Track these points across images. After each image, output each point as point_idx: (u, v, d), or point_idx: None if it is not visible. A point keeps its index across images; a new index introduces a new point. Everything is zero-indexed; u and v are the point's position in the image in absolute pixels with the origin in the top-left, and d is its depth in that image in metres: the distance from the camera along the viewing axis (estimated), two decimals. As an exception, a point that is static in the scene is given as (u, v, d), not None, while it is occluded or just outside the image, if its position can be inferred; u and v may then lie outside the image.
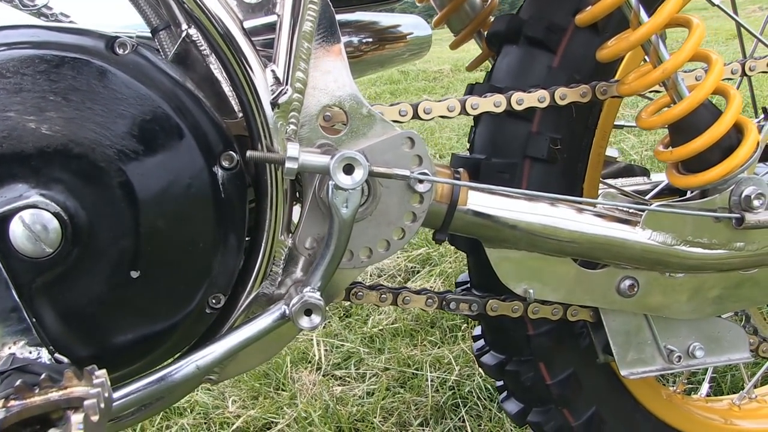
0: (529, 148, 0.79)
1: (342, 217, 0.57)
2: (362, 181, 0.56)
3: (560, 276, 0.74)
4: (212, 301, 0.60)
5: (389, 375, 1.43)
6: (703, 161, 0.72)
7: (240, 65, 0.59)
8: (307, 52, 0.60)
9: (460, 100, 0.72)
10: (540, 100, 0.74)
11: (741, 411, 1.05)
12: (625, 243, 0.71)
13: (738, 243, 0.75)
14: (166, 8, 0.65)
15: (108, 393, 0.42)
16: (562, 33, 0.78)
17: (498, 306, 0.76)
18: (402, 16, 1.08)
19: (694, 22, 0.68)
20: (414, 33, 1.08)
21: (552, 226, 0.69)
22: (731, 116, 0.69)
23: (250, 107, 0.60)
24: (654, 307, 0.79)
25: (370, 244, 0.63)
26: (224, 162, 0.59)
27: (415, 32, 1.08)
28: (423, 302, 0.74)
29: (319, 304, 0.59)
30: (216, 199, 0.57)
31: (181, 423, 1.29)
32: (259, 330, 0.59)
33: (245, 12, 0.61)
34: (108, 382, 0.43)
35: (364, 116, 0.62)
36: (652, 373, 0.82)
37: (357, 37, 1.02)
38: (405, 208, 0.63)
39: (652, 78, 0.68)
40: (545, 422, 0.91)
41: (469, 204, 0.67)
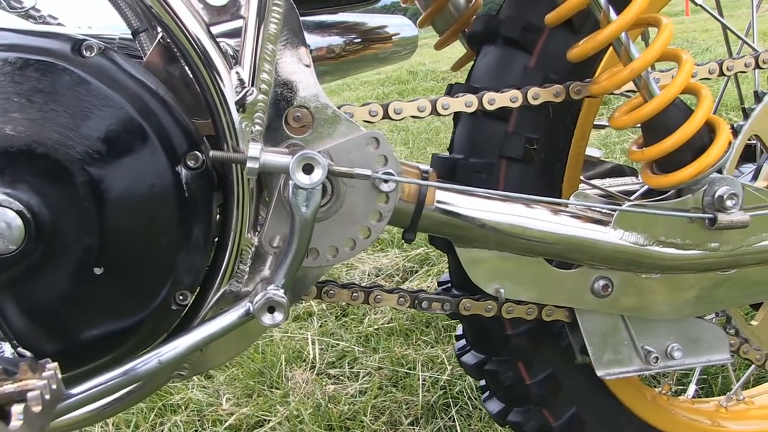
0: (505, 148, 0.79)
1: (302, 216, 0.58)
2: (321, 181, 0.56)
3: (532, 276, 0.74)
4: (179, 298, 0.61)
5: (382, 374, 1.43)
6: (675, 161, 0.72)
7: (205, 67, 0.60)
8: (271, 54, 0.61)
9: (431, 101, 0.72)
10: (512, 100, 0.74)
11: (728, 413, 1.04)
12: (596, 243, 0.71)
13: (712, 243, 0.74)
14: (142, 11, 0.66)
15: (57, 385, 0.44)
16: (538, 33, 0.79)
17: (471, 305, 0.77)
18: (389, 16, 1.09)
19: (663, 21, 0.67)
20: (401, 33, 1.09)
21: (521, 225, 0.69)
22: (702, 115, 0.68)
23: (216, 108, 0.61)
24: (629, 307, 0.78)
25: (336, 243, 0.64)
26: (189, 162, 0.60)
27: (401, 33, 1.09)
28: (395, 301, 0.75)
29: (281, 302, 0.60)
30: (179, 198, 0.58)
31: (174, 420, 1.31)
32: (223, 326, 0.60)
33: (211, 15, 0.62)
34: (58, 375, 0.44)
35: (329, 117, 0.63)
36: (629, 373, 0.82)
37: (344, 38, 1.03)
38: (370, 208, 0.64)
39: (621, 77, 0.68)
40: (525, 422, 0.91)
41: (436, 203, 0.68)
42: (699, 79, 0.79)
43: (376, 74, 5.80)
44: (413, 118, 0.72)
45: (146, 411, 1.34)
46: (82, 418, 0.63)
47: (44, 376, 0.43)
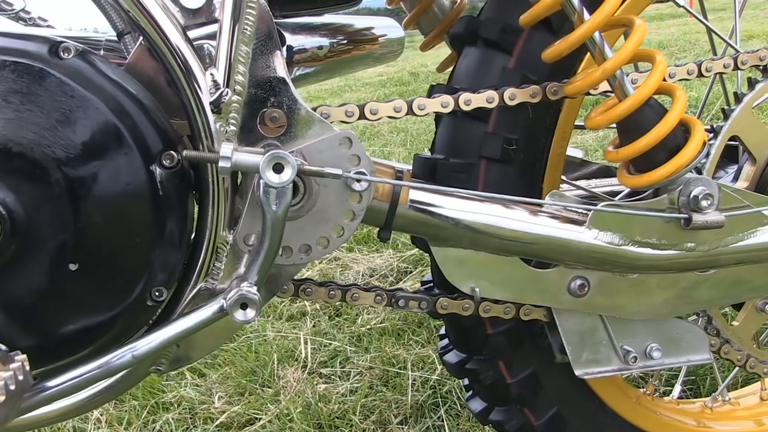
0: (484, 149, 0.80)
1: (273, 215, 0.59)
2: (290, 180, 0.57)
3: (508, 275, 0.74)
4: (155, 294, 0.63)
5: (373, 373, 1.44)
6: (650, 161, 0.72)
7: (181, 68, 0.61)
8: (246, 56, 0.62)
9: (407, 101, 0.73)
10: (489, 100, 0.75)
11: (713, 413, 1.04)
12: (570, 243, 0.72)
13: (689, 244, 0.75)
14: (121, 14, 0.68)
15: (24, 377, 0.45)
16: (517, 35, 0.79)
17: (448, 304, 0.77)
18: (376, 18, 1.10)
19: (636, 22, 0.68)
20: (387, 35, 1.10)
21: (494, 225, 0.70)
22: (675, 115, 0.69)
23: (191, 109, 0.62)
24: (607, 307, 0.79)
25: (309, 242, 0.65)
26: (165, 161, 0.61)
27: (388, 34, 1.10)
28: (372, 299, 0.76)
29: (253, 298, 0.61)
30: (153, 197, 0.59)
31: (166, 417, 1.32)
32: (197, 322, 0.61)
33: (186, 17, 0.63)
34: (26, 367, 0.45)
35: (302, 117, 0.64)
36: (607, 373, 0.82)
37: (331, 39, 1.04)
38: (343, 207, 0.65)
39: (594, 78, 0.68)
40: (506, 421, 0.92)
41: (410, 203, 0.68)
42: (678, 80, 0.80)
43: (378, 75, 5.82)
44: (390, 118, 0.73)
45: (139, 408, 1.35)
46: (62, 411, 0.65)
47: (10, 367, 0.45)
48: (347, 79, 5.86)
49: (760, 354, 0.91)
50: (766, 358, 0.91)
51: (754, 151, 0.85)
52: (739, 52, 0.82)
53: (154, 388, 1.42)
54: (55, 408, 0.64)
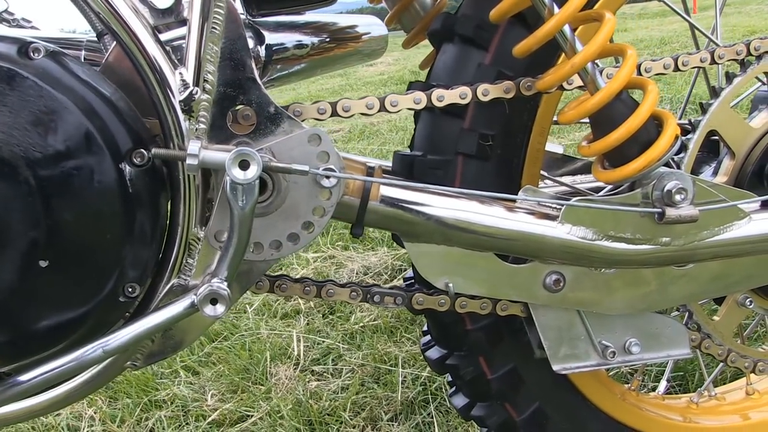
0: (460, 145, 0.80)
1: (240, 211, 0.59)
2: (256, 177, 0.58)
3: (482, 270, 0.75)
4: (128, 290, 0.63)
5: (365, 371, 1.45)
6: (623, 156, 0.72)
7: (150, 68, 0.62)
8: (215, 55, 0.62)
9: (380, 98, 0.73)
10: (461, 96, 0.75)
11: (699, 408, 1.04)
12: (542, 238, 0.72)
13: (664, 238, 0.75)
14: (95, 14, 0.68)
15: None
16: (493, 31, 0.79)
17: (424, 300, 0.78)
18: (359, 16, 1.10)
19: (606, 16, 0.68)
20: (371, 33, 1.10)
21: (465, 220, 0.70)
22: (647, 109, 0.69)
23: (161, 108, 0.63)
24: (583, 302, 0.79)
25: (279, 238, 0.66)
26: (136, 159, 0.62)
27: (371, 32, 1.10)
28: (347, 295, 0.76)
29: (223, 294, 0.61)
30: (123, 194, 0.60)
31: (158, 415, 1.33)
32: (167, 318, 0.62)
33: (156, 17, 0.64)
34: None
35: (271, 114, 0.65)
36: (586, 368, 0.82)
37: (316, 37, 1.05)
38: (313, 203, 0.65)
39: (563, 72, 0.68)
40: (488, 416, 0.92)
41: (381, 199, 0.69)
42: (654, 75, 0.80)
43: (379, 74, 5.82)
44: (362, 115, 0.74)
45: (132, 406, 1.37)
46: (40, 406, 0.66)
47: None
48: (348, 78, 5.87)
49: (742, 348, 0.91)
50: (748, 353, 0.91)
51: (733, 146, 0.84)
52: (717, 47, 0.82)
53: (147, 386, 1.43)
54: (31, 404, 0.64)
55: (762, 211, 0.79)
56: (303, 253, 2.02)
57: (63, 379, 0.59)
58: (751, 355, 0.91)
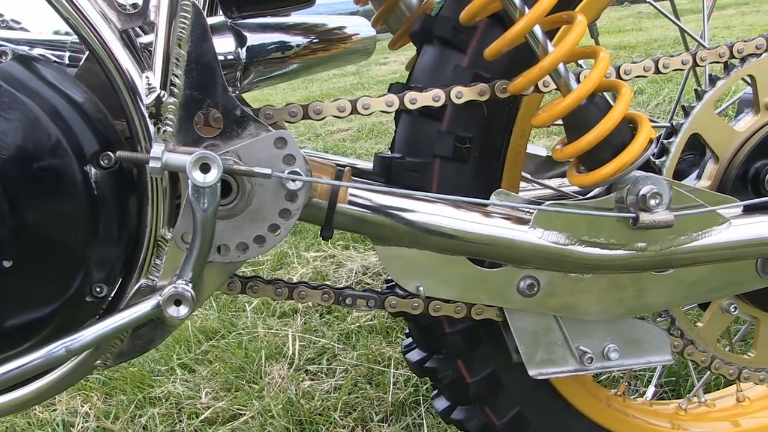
0: (437, 147, 0.80)
1: (202, 214, 0.60)
2: (216, 180, 0.58)
3: (453, 274, 0.74)
4: (95, 290, 0.64)
5: (358, 371, 1.45)
6: (596, 159, 0.71)
7: (118, 71, 0.63)
8: (181, 58, 0.63)
9: (352, 101, 0.74)
10: (435, 99, 0.75)
11: (687, 415, 1.02)
12: (512, 242, 0.71)
13: (639, 243, 0.74)
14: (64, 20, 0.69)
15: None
16: (471, 33, 0.79)
17: (397, 302, 0.78)
18: (347, 17, 1.10)
19: (577, 18, 0.67)
20: (359, 34, 1.10)
21: (433, 224, 0.70)
22: (619, 111, 0.68)
23: (129, 111, 0.64)
24: (558, 307, 0.78)
25: (245, 240, 0.66)
26: (103, 161, 0.63)
27: (360, 33, 1.10)
28: (319, 297, 0.76)
29: (186, 295, 0.62)
30: (88, 196, 0.61)
31: (151, 412, 1.35)
32: (132, 318, 0.63)
33: (123, 20, 0.64)
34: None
35: (237, 117, 0.65)
36: (563, 374, 0.82)
37: (304, 39, 1.05)
38: (279, 206, 0.65)
39: (533, 75, 0.68)
40: (468, 420, 0.92)
41: (348, 201, 0.69)
42: (634, 77, 0.79)
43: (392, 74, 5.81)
44: (335, 117, 0.74)
45: (126, 403, 1.39)
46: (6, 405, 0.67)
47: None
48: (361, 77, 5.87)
49: (726, 355, 0.89)
50: (733, 360, 0.89)
51: (716, 149, 0.83)
52: (697, 49, 0.80)
53: (143, 383, 1.45)
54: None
55: (744, 217, 0.78)
56: (304, 252, 2.03)
57: (28, 377, 0.60)
58: (736, 362, 0.89)
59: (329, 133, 3.68)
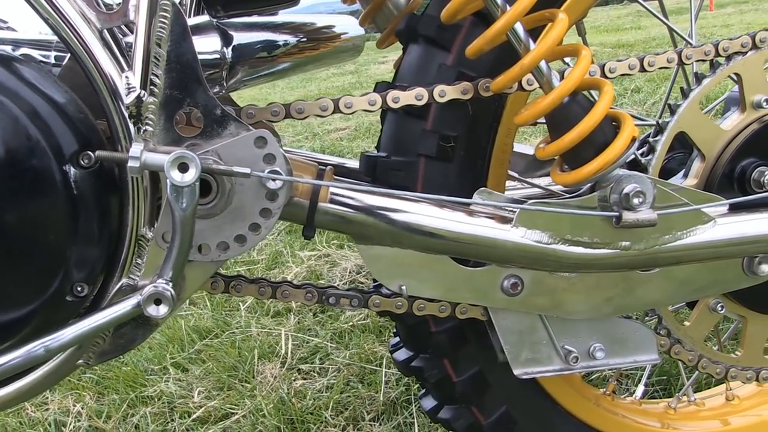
0: (421, 146, 0.80)
1: (181, 213, 0.60)
2: (194, 180, 0.58)
3: (436, 273, 0.74)
4: (76, 289, 0.64)
5: (351, 370, 1.45)
6: (579, 158, 0.71)
7: (97, 71, 0.63)
8: (161, 58, 0.63)
9: (334, 100, 0.73)
10: (417, 98, 0.74)
11: (677, 414, 1.02)
12: (495, 242, 0.71)
13: (623, 242, 0.73)
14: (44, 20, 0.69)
15: None
16: (456, 31, 0.79)
17: (380, 302, 0.77)
18: (336, 16, 1.10)
19: (558, 16, 0.67)
20: (348, 33, 1.10)
21: (415, 223, 0.70)
22: (601, 109, 0.67)
23: (109, 111, 0.64)
24: (543, 306, 0.78)
25: (226, 239, 0.66)
26: (83, 161, 0.63)
27: (349, 32, 1.10)
28: (302, 296, 0.76)
29: (166, 294, 0.62)
30: (67, 196, 0.61)
31: (144, 411, 1.35)
32: (112, 317, 0.63)
33: (103, 20, 0.64)
34: None
35: (217, 117, 0.65)
36: (549, 373, 0.81)
37: (292, 38, 1.05)
38: (259, 205, 0.65)
39: (514, 73, 0.67)
40: (454, 419, 0.91)
41: (330, 201, 0.69)
42: (619, 75, 0.78)
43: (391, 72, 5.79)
44: (317, 117, 0.74)
45: (119, 402, 1.39)
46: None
47: None
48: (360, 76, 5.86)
49: (714, 354, 0.89)
50: (720, 359, 0.89)
51: (703, 148, 0.82)
52: (683, 47, 0.80)
53: (136, 382, 1.45)
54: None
55: (729, 215, 0.78)
56: (298, 251, 2.03)
57: (7, 376, 0.60)
58: (723, 360, 0.89)
59: (326, 132, 3.68)
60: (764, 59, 0.81)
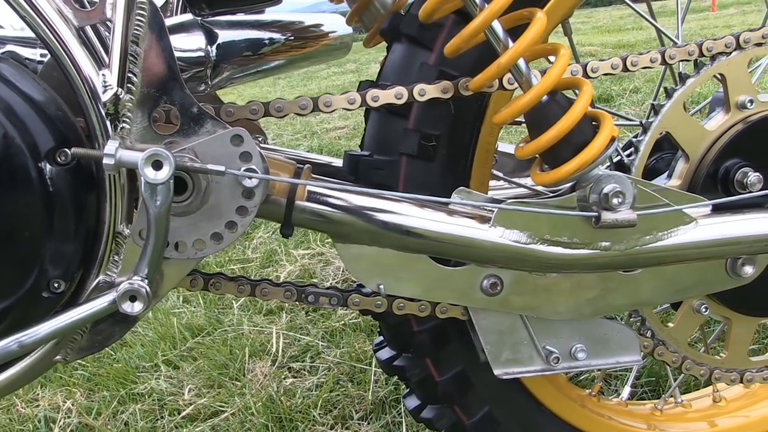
0: (402, 145, 0.80)
1: (155, 210, 0.60)
2: (168, 177, 0.58)
3: (415, 272, 0.74)
4: (53, 286, 0.65)
5: (341, 369, 1.45)
6: (558, 157, 0.70)
7: (75, 69, 0.63)
8: (137, 56, 0.63)
9: (313, 98, 0.73)
10: (397, 96, 0.74)
11: (664, 415, 1.01)
12: (473, 241, 0.71)
13: (603, 243, 0.73)
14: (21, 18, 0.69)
15: None
16: (438, 30, 0.79)
17: (360, 300, 0.77)
18: (324, 15, 1.10)
19: (537, 15, 0.67)
20: (336, 32, 1.10)
21: (393, 222, 0.69)
22: (580, 108, 0.67)
23: (86, 108, 0.64)
24: (522, 306, 0.78)
25: (202, 237, 0.66)
26: (60, 158, 0.63)
27: (337, 31, 1.10)
28: (281, 294, 0.76)
29: (141, 291, 0.62)
30: (43, 193, 0.61)
31: (133, 408, 1.35)
32: (87, 314, 0.63)
33: (80, 19, 0.64)
34: None
35: (194, 115, 0.65)
36: (529, 373, 0.81)
37: (280, 36, 1.05)
38: (235, 203, 0.65)
39: (490, 72, 0.67)
40: (437, 419, 0.91)
41: (307, 199, 0.69)
42: (602, 75, 0.78)
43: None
44: (297, 115, 0.74)
45: (109, 399, 1.39)
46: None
47: None
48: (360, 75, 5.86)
49: (698, 356, 0.88)
50: (704, 361, 0.89)
51: (687, 148, 0.82)
52: (667, 47, 0.79)
53: (127, 379, 1.45)
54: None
55: (712, 216, 0.77)
56: (292, 249, 2.04)
57: None
58: (708, 362, 0.89)
59: (325, 131, 3.68)
60: (749, 60, 0.81)
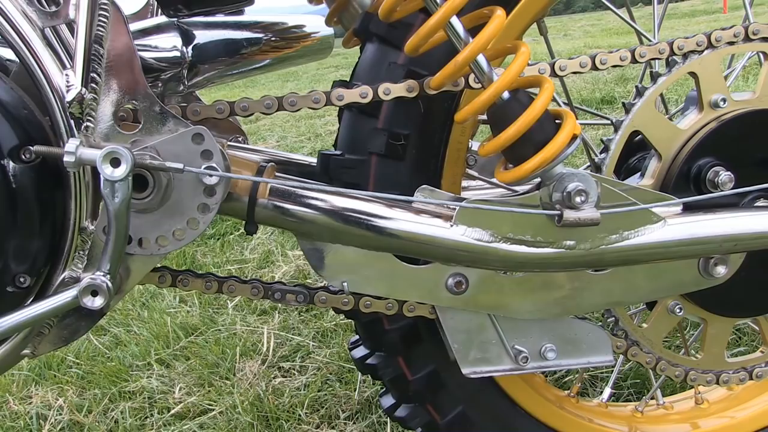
0: (370, 144, 0.80)
1: (114, 207, 0.61)
2: (125, 175, 0.59)
3: (379, 270, 0.74)
4: (19, 281, 0.66)
5: (330, 369, 1.46)
6: (520, 156, 0.70)
7: (40, 68, 0.64)
8: (100, 56, 0.64)
9: (278, 98, 0.74)
10: (362, 95, 0.75)
11: (644, 417, 1.00)
12: (434, 239, 0.71)
13: (567, 241, 0.73)
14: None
15: None
16: (406, 30, 0.79)
17: (327, 298, 0.78)
18: (306, 16, 1.11)
19: (496, 12, 0.67)
20: (318, 33, 1.11)
21: (354, 220, 0.70)
22: (540, 106, 0.67)
23: (50, 107, 0.65)
24: (488, 305, 0.78)
25: (164, 233, 0.67)
26: (24, 155, 0.64)
27: (319, 32, 1.11)
28: (248, 291, 0.77)
29: (102, 286, 0.63)
30: (6, 189, 0.63)
31: (123, 406, 1.37)
32: (49, 308, 0.64)
33: (44, 19, 0.66)
34: None
35: (156, 114, 0.66)
36: (498, 373, 0.81)
37: (260, 37, 1.06)
38: (197, 201, 0.66)
39: (449, 70, 0.67)
40: (410, 418, 0.91)
41: (269, 198, 0.70)
42: (570, 73, 0.78)
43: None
44: (263, 114, 0.74)
45: (100, 396, 1.41)
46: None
47: None
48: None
49: (672, 357, 0.87)
50: (679, 362, 0.88)
51: (659, 147, 0.81)
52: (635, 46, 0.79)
53: (118, 377, 1.47)
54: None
55: (681, 216, 0.77)
56: (289, 250, 2.05)
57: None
58: (683, 363, 0.88)
59: (329, 133, 3.69)
60: (721, 58, 0.80)
